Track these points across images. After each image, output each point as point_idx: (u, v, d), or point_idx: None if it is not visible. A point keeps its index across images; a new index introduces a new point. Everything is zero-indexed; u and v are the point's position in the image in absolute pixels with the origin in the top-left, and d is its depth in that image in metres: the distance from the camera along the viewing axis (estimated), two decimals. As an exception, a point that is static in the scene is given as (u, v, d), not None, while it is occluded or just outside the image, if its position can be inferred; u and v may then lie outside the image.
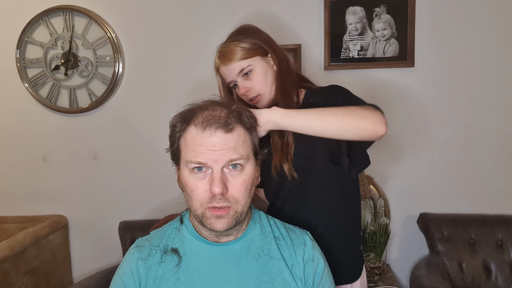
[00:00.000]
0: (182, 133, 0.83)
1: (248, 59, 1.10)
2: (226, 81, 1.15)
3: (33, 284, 1.81)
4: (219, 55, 1.13)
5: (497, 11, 1.78)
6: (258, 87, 1.10)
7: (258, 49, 1.12)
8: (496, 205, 1.87)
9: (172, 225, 0.93)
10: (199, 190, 0.81)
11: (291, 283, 0.85)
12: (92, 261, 2.06)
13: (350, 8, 1.81)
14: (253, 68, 1.10)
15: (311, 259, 0.90)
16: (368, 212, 1.86)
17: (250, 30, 1.16)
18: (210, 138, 0.80)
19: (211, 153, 0.79)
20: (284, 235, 0.92)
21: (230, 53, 1.10)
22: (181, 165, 0.84)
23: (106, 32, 1.91)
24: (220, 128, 0.80)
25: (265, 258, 0.87)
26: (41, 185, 2.07)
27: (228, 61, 1.10)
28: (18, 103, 2.04)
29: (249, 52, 1.10)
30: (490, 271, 1.74)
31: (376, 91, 1.87)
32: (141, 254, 0.87)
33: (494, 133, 1.85)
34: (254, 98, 1.12)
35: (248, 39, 1.12)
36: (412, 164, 1.90)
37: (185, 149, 0.82)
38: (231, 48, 1.10)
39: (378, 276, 1.72)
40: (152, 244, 0.89)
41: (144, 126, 1.99)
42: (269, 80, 1.12)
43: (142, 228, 1.87)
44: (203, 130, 0.80)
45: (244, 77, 1.11)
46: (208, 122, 0.80)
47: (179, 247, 0.87)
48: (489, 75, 1.82)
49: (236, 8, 1.87)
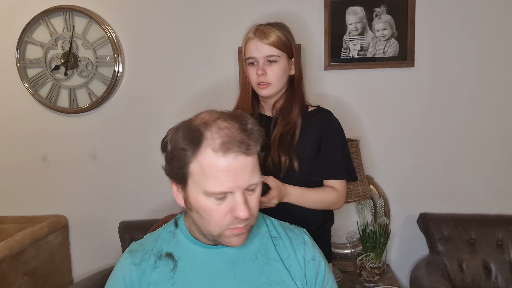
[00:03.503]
0: (194, 157, 0.75)
1: (280, 51, 1.20)
2: (247, 55, 1.23)
3: (31, 284, 1.80)
4: (257, 31, 1.21)
5: (497, 11, 1.78)
6: (274, 78, 1.21)
7: (289, 49, 1.23)
8: (496, 205, 1.87)
9: (167, 229, 0.90)
10: (219, 214, 0.76)
11: (290, 283, 0.84)
12: (92, 261, 2.05)
13: (350, 8, 1.81)
14: (279, 61, 1.21)
15: (312, 258, 0.89)
16: (368, 212, 1.86)
17: (289, 31, 1.27)
18: (233, 163, 0.73)
19: (234, 179, 0.74)
20: (282, 234, 0.90)
21: (270, 35, 1.19)
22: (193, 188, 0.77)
23: (106, 32, 1.91)
24: (242, 153, 0.74)
25: (263, 259, 0.86)
26: (41, 185, 2.07)
27: (265, 40, 1.19)
28: (18, 103, 2.03)
29: (284, 46, 1.21)
30: (490, 271, 1.74)
31: (376, 91, 1.87)
32: (134, 259, 0.85)
33: (494, 133, 1.85)
34: (263, 84, 1.21)
35: (287, 35, 1.23)
36: (412, 164, 1.90)
37: (202, 176, 0.74)
38: (272, 31, 1.20)
39: (378, 276, 1.71)
40: (146, 248, 0.87)
41: (144, 126, 1.99)
42: (284, 78, 1.24)
43: (142, 228, 1.87)
44: (224, 155, 0.73)
45: (268, 63, 1.20)
46: (229, 146, 0.73)
47: (174, 251, 0.85)
48: (489, 75, 1.82)
49: (236, 8, 1.87)
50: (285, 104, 1.26)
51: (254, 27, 1.23)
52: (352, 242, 1.89)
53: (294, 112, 1.24)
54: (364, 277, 1.71)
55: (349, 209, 1.94)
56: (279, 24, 1.26)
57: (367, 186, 1.71)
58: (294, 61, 1.26)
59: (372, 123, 1.89)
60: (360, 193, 1.60)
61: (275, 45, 1.19)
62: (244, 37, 1.25)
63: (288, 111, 1.25)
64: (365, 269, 1.71)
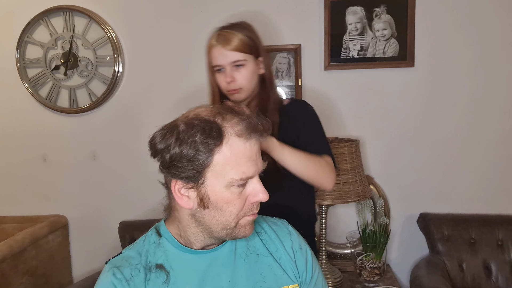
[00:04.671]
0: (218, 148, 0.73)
1: (245, 54, 1.17)
2: (213, 63, 1.20)
3: (31, 284, 1.80)
4: (219, 37, 1.18)
5: (497, 10, 1.78)
6: (243, 82, 1.19)
7: (255, 49, 1.20)
8: (496, 205, 1.87)
9: (148, 240, 0.84)
10: (241, 202, 0.77)
11: (282, 276, 0.85)
12: (92, 261, 2.05)
13: (350, 8, 1.81)
14: (246, 64, 1.18)
15: (299, 248, 0.90)
16: (368, 212, 1.86)
17: (252, 30, 1.23)
18: (254, 147, 0.76)
19: (255, 164, 0.76)
20: (266, 228, 0.90)
21: (232, 40, 1.16)
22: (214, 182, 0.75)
23: (106, 32, 1.91)
24: (259, 135, 0.76)
25: (252, 256, 0.85)
26: (40, 185, 2.07)
27: (228, 46, 1.16)
28: (18, 103, 2.03)
29: (249, 48, 1.18)
30: (490, 271, 1.74)
31: (376, 91, 1.87)
32: (124, 275, 0.78)
33: (494, 133, 1.85)
34: (233, 90, 1.19)
35: (251, 36, 1.20)
36: (412, 164, 1.90)
37: (227, 165, 0.74)
38: (235, 36, 1.17)
39: (378, 276, 1.71)
40: (132, 263, 0.81)
41: (144, 126, 1.98)
42: (254, 80, 1.22)
43: (142, 228, 1.87)
44: (246, 139, 0.75)
45: (235, 68, 1.18)
46: (250, 130, 0.75)
47: (164, 262, 0.80)
48: (489, 75, 1.82)
49: (236, 8, 1.87)
50: (260, 104, 1.23)
51: (216, 33, 1.20)
52: (352, 242, 1.89)
53: (269, 111, 1.21)
54: (364, 277, 1.71)
55: (349, 209, 1.94)
56: (241, 24, 1.22)
57: (367, 186, 1.70)
58: (262, 59, 1.23)
59: (372, 123, 1.89)
60: (360, 193, 1.60)
61: (239, 49, 1.16)
62: (207, 43, 1.22)
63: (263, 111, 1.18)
64: (365, 269, 1.71)
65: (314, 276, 0.91)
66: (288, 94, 1.91)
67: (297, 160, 1.12)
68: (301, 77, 1.88)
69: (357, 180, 1.59)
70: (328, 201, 1.58)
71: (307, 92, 1.89)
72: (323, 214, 1.68)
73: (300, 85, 1.88)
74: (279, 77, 1.91)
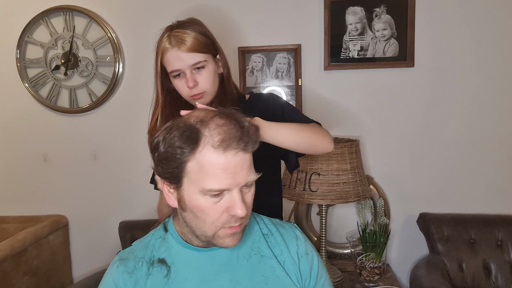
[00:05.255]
0: (192, 155, 0.73)
1: (204, 54, 1.08)
2: (170, 68, 1.09)
3: (33, 283, 1.81)
4: (172, 38, 1.06)
5: (497, 10, 1.78)
6: (207, 85, 1.10)
7: (213, 48, 1.11)
8: (496, 205, 1.87)
9: (156, 235, 0.88)
10: (216, 212, 0.75)
11: (285, 280, 0.84)
12: (92, 261, 2.06)
13: (350, 8, 1.81)
14: (206, 65, 1.09)
15: (305, 253, 0.89)
16: (368, 212, 1.86)
17: (204, 25, 1.13)
18: (232, 160, 0.72)
19: (232, 177, 0.73)
20: (273, 231, 0.90)
21: (186, 40, 1.05)
22: (189, 187, 0.76)
23: (106, 32, 1.91)
24: (241, 149, 0.73)
25: (256, 257, 0.85)
26: (41, 185, 2.08)
27: (186, 49, 1.05)
28: (18, 103, 2.04)
29: (206, 46, 1.08)
30: (490, 271, 1.74)
31: (376, 91, 1.87)
32: (126, 268, 0.82)
33: (494, 133, 1.85)
34: (197, 94, 1.10)
35: (205, 32, 1.10)
36: (412, 164, 1.90)
37: (200, 173, 0.73)
38: (188, 35, 1.06)
39: (378, 276, 1.72)
40: (137, 256, 0.84)
41: (144, 126, 1.96)
42: (216, 80, 1.13)
43: (142, 228, 1.87)
44: (224, 151, 0.71)
45: (196, 71, 1.08)
46: (228, 142, 0.71)
47: (166, 257, 0.83)
48: (489, 75, 1.82)
49: (236, 8, 1.87)
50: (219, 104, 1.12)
51: (166, 35, 1.08)
52: (352, 242, 1.89)
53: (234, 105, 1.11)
54: (364, 276, 1.72)
55: (349, 209, 1.94)
56: (191, 21, 1.11)
57: (367, 186, 1.70)
58: (219, 58, 1.14)
59: (372, 123, 1.89)
60: (360, 193, 1.60)
61: (196, 49, 1.06)
62: (156, 47, 1.12)
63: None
64: (365, 269, 1.72)
65: (319, 284, 0.91)
66: (288, 94, 1.91)
67: (290, 131, 1.01)
68: (301, 77, 1.88)
69: (357, 180, 1.59)
70: (328, 201, 1.58)
71: (307, 92, 1.90)
72: (323, 214, 1.68)
73: (300, 85, 1.88)
74: (279, 77, 1.91)
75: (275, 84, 1.91)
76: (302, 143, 1.04)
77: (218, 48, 1.14)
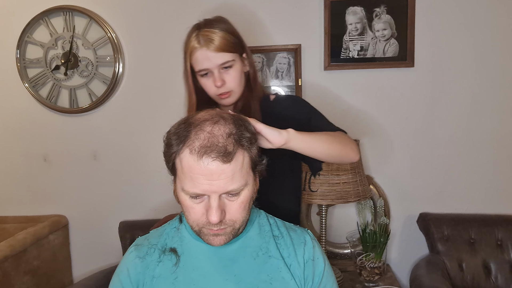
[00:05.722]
0: (177, 154, 0.77)
1: (232, 53, 1.08)
2: (198, 67, 1.09)
3: (33, 284, 1.81)
4: (200, 38, 1.07)
5: (497, 11, 1.78)
6: (234, 84, 1.10)
7: (240, 47, 1.12)
8: (496, 205, 1.88)
9: (172, 224, 0.93)
10: (196, 212, 0.78)
11: (290, 282, 0.85)
12: (92, 261, 2.06)
13: (350, 8, 1.81)
14: (234, 64, 1.09)
15: (311, 259, 0.89)
16: (368, 212, 1.86)
17: (231, 24, 1.13)
18: (208, 167, 0.73)
19: (208, 183, 0.74)
20: (284, 234, 0.91)
21: (215, 39, 1.05)
22: (177, 182, 0.80)
23: (106, 32, 1.91)
24: (219, 158, 0.73)
25: (264, 257, 0.87)
26: (41, 185, 2.07)
27: (214, 48, 1.05)
28: (18, 103, 2.04)
29: (233, 46, 1.09)
30: (490, 270, 1.74)
31: (376, 91, 1.87)
32: (139, 253, 0.87)
33: (494, 133, 1.85)
34: (224, 93, 1.11)
35: (233, 31, 1.10)
36: (412, 164, 1.90)
37: (182, 174, 0.77)
38: (215, 33, 1.06)
39: (378, 276, 1.71)
40: (151, 243, 0.89)
41: (144, 126, 1.99)
42: (242, 79, 1.14)
43: (142, 228, 1.87)
44: (199, 158, 0.73)
45: (224, 70, 1.08)
46: (206, 150, 0.73)
47: (177, 247, 0.87)
48: (489, 75, 1.82)
49: (236, 8, 1.87)
50: (245, 103, 1.15)
51: (194, 34, 1.09)
52: (352, 242, 1.89)
53: (252, 109, 1.14)
54: (364, 276, 1.72)
55: (349, 209, 1.94)
56: (219, 19, 1.11)
57: (367, 186, 1.71)
58: (245, 56, 1.14)
59: (372, 123, 1.89)
60: (360, 193, 1.60)
61: (225, 49, 1.06)
62: (184, 46, 1.13)
63: (248, 111, 1.13)
64: (365, 269, 1.72)
65: None
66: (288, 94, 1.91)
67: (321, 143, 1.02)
68: (301, 77, 1.88)
69: (357, 180, 1.59)
70: (328, 201, 1.58)
71: (307, 92, 1.90)
72: (323, 214, 1.68)
73: (300, 85, 1.88)
74: (279, 77, 1.91)
75: (275, 84, 1.91)
76: (332, 154, 1.05)
77: (244, 46, 1.14)
